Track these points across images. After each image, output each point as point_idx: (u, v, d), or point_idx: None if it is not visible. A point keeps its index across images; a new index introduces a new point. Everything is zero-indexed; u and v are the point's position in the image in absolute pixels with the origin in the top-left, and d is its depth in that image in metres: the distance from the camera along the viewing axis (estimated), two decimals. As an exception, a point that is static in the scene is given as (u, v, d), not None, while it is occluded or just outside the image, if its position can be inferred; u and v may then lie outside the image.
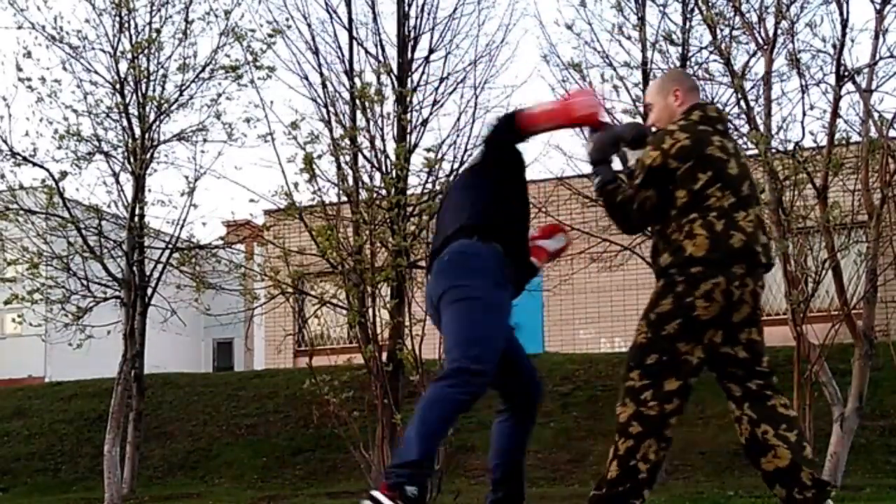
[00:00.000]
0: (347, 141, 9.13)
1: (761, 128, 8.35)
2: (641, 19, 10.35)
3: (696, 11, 9.89)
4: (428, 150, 9.61)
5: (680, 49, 10.21)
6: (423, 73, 10.65)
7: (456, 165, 9.59)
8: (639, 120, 7.81)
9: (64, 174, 10.72)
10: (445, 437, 3.82)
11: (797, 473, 3.72)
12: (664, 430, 3.77)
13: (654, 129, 4.10)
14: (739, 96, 8.84)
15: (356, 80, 9.59)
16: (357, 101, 9.07)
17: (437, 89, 10.56)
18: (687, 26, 10.28)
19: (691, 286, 3.72)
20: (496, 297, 3.77)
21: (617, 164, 4.18)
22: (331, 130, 9.41)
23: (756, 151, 8.32)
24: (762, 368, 3.85)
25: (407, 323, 7.81)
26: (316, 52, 10.25)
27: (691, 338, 3.74)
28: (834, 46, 8.21)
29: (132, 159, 10.92)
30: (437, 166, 9.31)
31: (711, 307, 3.71)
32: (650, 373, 3.74)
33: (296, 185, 8.49)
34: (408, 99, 9.81)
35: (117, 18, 11.00)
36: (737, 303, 3.75)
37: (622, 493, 3.74)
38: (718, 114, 4.03)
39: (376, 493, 3.50)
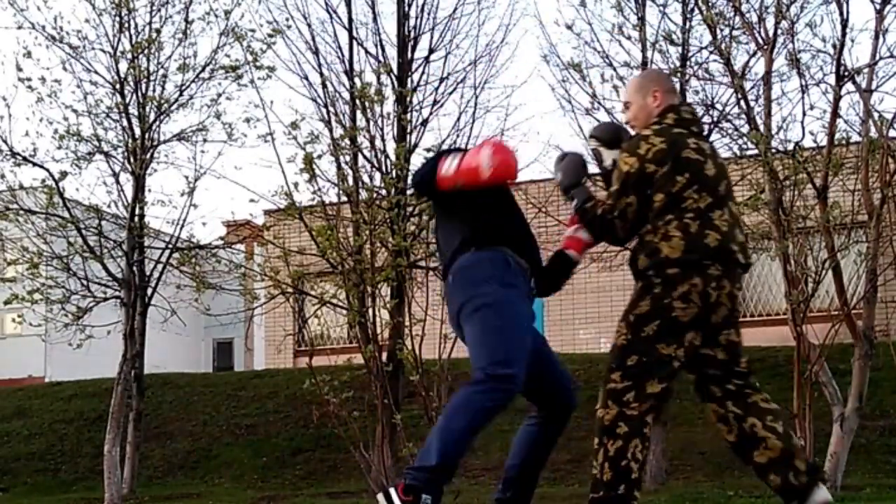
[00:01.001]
0: (347, 141, 9.14)
1: (761, 128, 8.34)
2: (641, 19, 10.35)
3: (696, 11, 9.89)
4: (428, 150, 9.63)
5: (680, 49, 10.21)
6: (423, 73, 10.69)
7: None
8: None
9: (64, 174, 10.71)
10: (471, 444, 3.68)
11: (791, 460, 3.77)
12: (644, 428, 3.79)
13: (629, 128, 4.10)
14: (739, 96, 8.84)
15: (356, 80, 9.60)
16: (357, 101, 9.07)
17: (437, 89, 10.60)
18: (687, 26, 10.28)
19: (668, 287, 3.74)
20: (507, 296, 3.74)
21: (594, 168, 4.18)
22: (331, 130, 9.42)
23: (756, 151, 8.32)
24: (740, 369, 3.89)
25: (407, 323, 7.80)
26: (316, 52, 10.29)
27: (671, 339, 3.75)
28: (834, 46, 8.20)
29: (132, 159, 10.92)
30: (436, 166, 9.31)
31: (689, 309, 3.73)
32: (631, 374, 3.76)
33: (296, 185, 8.49)
34: (408, 99, 9.82)
35: (117, 18, 10.99)
36: (714, 304, 3.77)
37: (621, 496, 3.74)
38: (693, 115, 4.04)
39: (392, 492, 3.46)
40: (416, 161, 9.66)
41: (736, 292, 3.83)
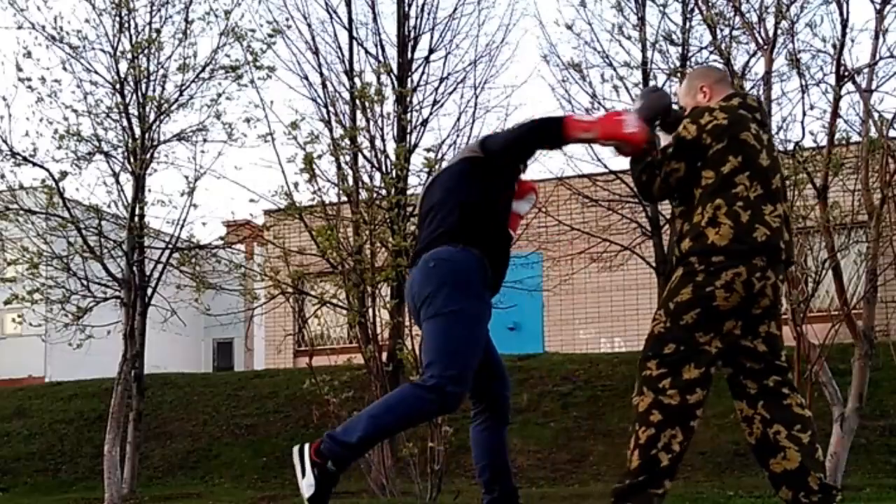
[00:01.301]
0: (347, 141, 9.14)
1: (761, 128, 8.34)
2: (641, 19, 10.38)
3: (696, 11, 9.91)
4: (428, 150, 9.64)
5: (680, 49, 10.24)
6: (423, 73, 10.71)
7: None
8: None
9: (64, 174, 10.70)
10: (394, 435, 3.90)
11: (805, 477, 3.71)
12: (689, 420, 3.72)
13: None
14: (739, 96, 8.83)
15: (356, 80, 9.62)
16: (357, 101, 9.08)
17: (437, 89, 10.62)
18: (687, 26, 10.31)
19: (711, 276, 3.68)
20: (477, 309, 3.78)
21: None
22: (331, 130, 9.43)
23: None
24: (780, 363, 3.83)
25: (407, 323, 7.80)
26: (316, 52, 10.30)
27: (710, 328, 3.70)
28: (834, 46, 8.20)
29: (132, 159, 10.91)
30: (436, 166, 9.32)
31: (732, 297, 3.67)
32: (668, 362, 3.70)
33: (296, 185, 8.51)
34: (408, 99, 9.83)
35: (117, 18, 10.99)
36: (757, 295, 3.71)
37: (642, 483, 3.68)
38: (757, 104, 4.01)
39: (306, 449, 3.64)
40: (417, 161, 9.69)
41: (779, 284, 3.79)
